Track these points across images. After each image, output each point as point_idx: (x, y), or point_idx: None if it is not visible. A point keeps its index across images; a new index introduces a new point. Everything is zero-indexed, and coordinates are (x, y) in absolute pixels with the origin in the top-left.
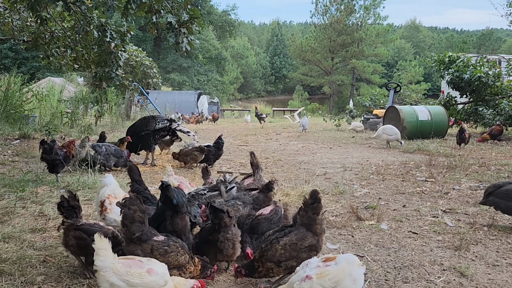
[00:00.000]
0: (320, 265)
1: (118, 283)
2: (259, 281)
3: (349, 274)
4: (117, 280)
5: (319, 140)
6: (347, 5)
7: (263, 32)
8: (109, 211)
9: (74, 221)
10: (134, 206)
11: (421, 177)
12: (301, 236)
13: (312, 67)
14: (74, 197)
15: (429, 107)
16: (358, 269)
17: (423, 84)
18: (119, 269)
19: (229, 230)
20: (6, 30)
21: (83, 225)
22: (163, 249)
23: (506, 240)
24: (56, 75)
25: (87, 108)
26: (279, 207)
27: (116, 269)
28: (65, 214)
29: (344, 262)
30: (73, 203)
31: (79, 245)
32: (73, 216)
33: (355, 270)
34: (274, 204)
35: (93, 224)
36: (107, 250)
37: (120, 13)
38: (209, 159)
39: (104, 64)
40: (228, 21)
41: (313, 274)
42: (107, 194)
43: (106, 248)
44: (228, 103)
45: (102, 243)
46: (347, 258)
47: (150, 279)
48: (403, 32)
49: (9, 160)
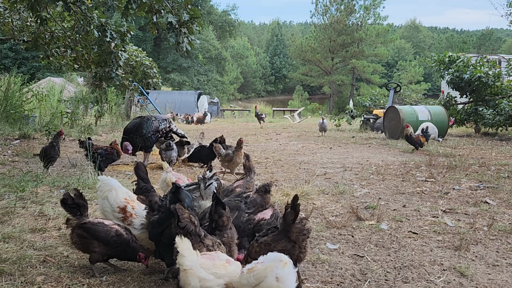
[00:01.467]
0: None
1: (207, 277)
2: None
3: (274, 272)
4: (206, 274)
5: (319, 140)
6: (347, 5)
7: (263, 32)
8: (135, 216)
9: (78, 219)
10: (185, 215)
11: (421, 177)
12: (276, 238)
13: (312, 67)
14: (80, 195)
15: (429, 107)
16: (283, 268)
17: (423, 84)
18: (206, 263)
19: (225, 233)
20: (6, 30)
21: (86, 223)
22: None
23: (506, 240)
24: (56, 75)
25: (87, 108)
26: (277, 210)
27: (203, 263)
28: (68, 211)
29: (268, 261)
30: (77, 201)
31: (82, 243)
32: (77, 214)
33: (279, 269)
34: (272, 208)
35: (97, 222)
36: (190, 249)
37: (120, 13)
38: (202, 159)
39: (104, 64)
40: (228, 21)
41: (246, 269)
42: (124, 198)
43: (189, 248)
44: (228, 103)
45: (185, 243)
46: (273, 257)
47: (231, 269)
48: (403, 32)
49: (9, 160)
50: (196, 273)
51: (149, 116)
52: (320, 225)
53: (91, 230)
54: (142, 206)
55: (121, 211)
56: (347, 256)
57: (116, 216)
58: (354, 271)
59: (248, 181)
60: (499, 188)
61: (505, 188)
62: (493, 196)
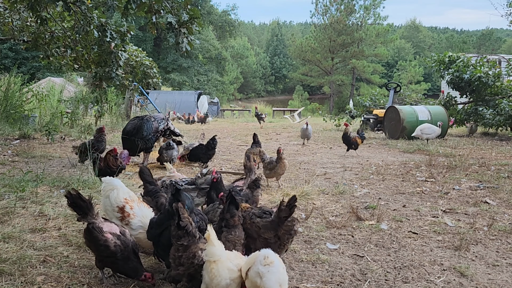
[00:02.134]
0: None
1: (233, 268)
2: None
3: (256, 268)
4: (232, 265)
5: (319, 140)
6: (347, 5)
7: (263, 32)
8: (133, 216)
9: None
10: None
11: (421, 177)
12: (265, 226)
13: (312, 67)
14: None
15: (429, 107)
16: (263, 266)
17: (423, 84)
18: (230, 254)
19: (233, 231)
20: (6, 30)
21: (91, 223)
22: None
23: (506, 240)
24: (56, 75)
25: (87, 108)
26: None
27: (228, 255)
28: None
29: (251, 256)
30: (77, 201)
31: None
32: (79, 213)
33: (260, 267)
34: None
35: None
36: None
37: (120, 13)
38: (199, 158)
39: (104, 64)
40: (228, 21)
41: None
42: (123, 198)
43: (216, 237)
44: (228, 103)
45: (213, 233)
46: (257, 253)
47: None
48: (403, 32)
49: (9, 160)
50: (225, 263)
51: (148, 117)
52: (320, 225)
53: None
54: (144, 207)
55: (119, 211)
56: (347, 256)
57: (115, 215)
58: (354, 271)
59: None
60: (499, 188)
61: (505, 188)
62: (493, 196)
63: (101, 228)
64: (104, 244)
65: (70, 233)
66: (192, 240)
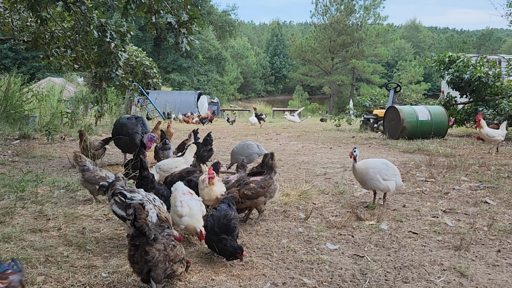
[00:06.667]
0: None
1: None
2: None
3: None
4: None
5: (319, 140)
6: (347, 5)
7: (263, 32)
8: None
9: None
10: (142, 214)
11: (421, 177)
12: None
13: (312, 67)
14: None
15: (429, 107)
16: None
17: (423, 84)
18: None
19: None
20: (6, 30)
21: None
22: (172, 244)
23: (506, 240)
24: (56, 75)
25: (87, 108)
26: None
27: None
28: None
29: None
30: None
31: None
32: None
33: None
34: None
35: None
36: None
37: (120, 13)
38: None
39: (104, 64)
40: (228, 21)
41: None
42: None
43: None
44: (228, 103)
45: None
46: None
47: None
48: (403, 32)
49: (9, 160)
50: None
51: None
52: (320, 225)
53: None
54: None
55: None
56: (347, 256)
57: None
58: (354, 271)
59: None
60: (499, 188)
61: (505, 188)
62: (493, 196)
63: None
64: None
65: (70, 233)
66: (145, 241)
